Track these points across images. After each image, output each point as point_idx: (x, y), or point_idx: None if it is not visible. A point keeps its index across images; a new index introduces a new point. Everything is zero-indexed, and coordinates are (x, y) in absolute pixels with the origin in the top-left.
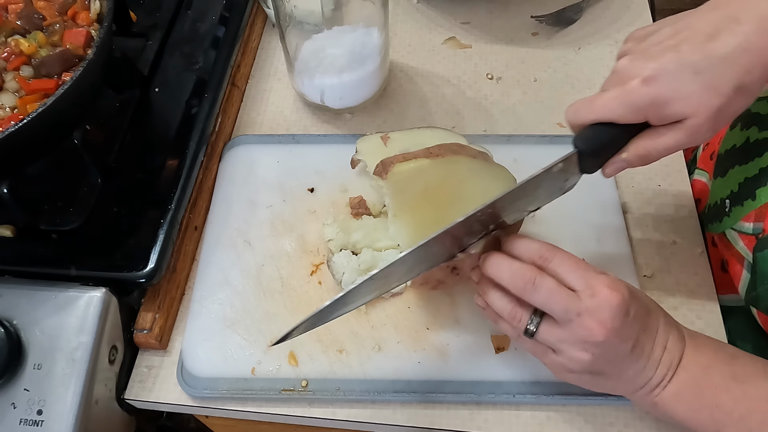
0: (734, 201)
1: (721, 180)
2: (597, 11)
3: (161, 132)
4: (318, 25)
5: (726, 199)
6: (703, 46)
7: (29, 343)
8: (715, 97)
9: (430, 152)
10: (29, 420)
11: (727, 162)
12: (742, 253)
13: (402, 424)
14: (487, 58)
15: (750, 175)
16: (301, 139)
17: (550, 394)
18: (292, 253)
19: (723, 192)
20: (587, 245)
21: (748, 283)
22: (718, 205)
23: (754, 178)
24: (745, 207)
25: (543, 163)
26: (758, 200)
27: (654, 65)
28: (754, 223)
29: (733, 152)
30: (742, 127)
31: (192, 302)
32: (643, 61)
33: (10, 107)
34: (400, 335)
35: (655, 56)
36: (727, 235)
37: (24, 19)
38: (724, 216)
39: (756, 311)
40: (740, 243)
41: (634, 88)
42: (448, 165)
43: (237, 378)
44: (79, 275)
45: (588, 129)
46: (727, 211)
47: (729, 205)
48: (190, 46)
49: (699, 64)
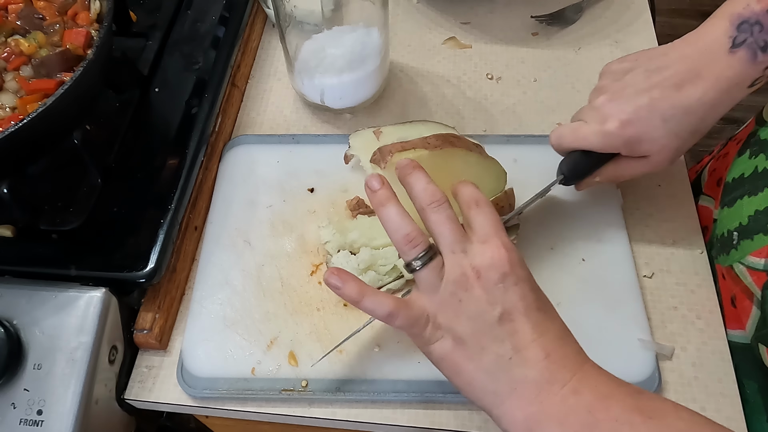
0: (743, 234)
1: (729, 210)
2: (597, 11)
3: (161, 132)
4: (318, 25)
5: (734, 231)
6: (671, 95)
7: (29, 343)
8: (675, 140)
9: (427, 143)
10: (29, 420)
11: (735, 191)
12: (751, 289)
13: (402, 424)
14: (487, 58)
15: (761, 208)
16: (301, 139)
17: None
18: (292, 253)
19: (731, 223)
20: (587, 245)
21: (757, 321)
22: (725, 237)
23: (765, 211)
24: (756, 242)
25: (543, 163)
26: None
27: (630, 110)
28: (766, 259)
29: (741, 181)
30: (751, 155)
31: (192, 302)
32: (620, 103)
33: (10, 107)
34: (400, 335)
35: (630, 99)
36: (735, 269)
37: (24, 19)
38: (731, 249)
39: (765, 349)
40: (749, 278)
41: (613, 130)
42: (445, 156)
43: (237, 378)
44: (79, 275)
45: (570, 156)
46: (735, 243)
47: (737, 238)
48: (190, 46)
49: (667, 112)
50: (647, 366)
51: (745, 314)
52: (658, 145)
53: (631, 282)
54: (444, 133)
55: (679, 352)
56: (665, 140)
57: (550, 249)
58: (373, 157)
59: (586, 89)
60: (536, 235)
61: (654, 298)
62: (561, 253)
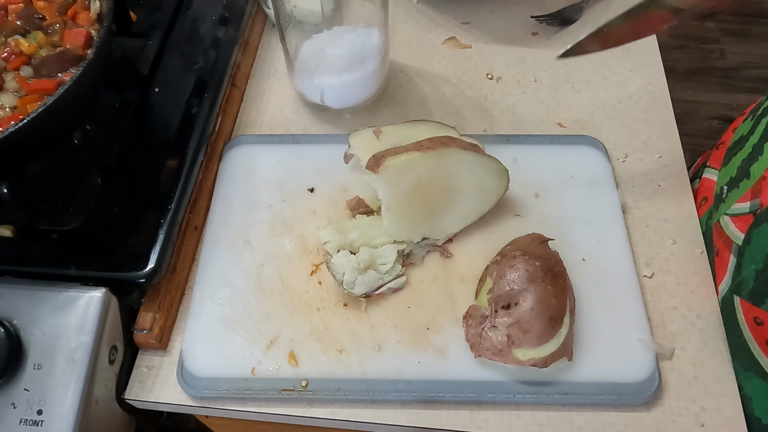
0: (731, 185)
1: (724, 170)
2: (597, 11)
3: (161, 132)
4: (318, 25)
5: (724, 186)
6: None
7: (29, 343)
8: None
9: (420, 145)
10: (29, 420)
11: (731, 152)
12: (732, 239)
13: (402, 424)
14: (487, 58)
15: (745, 156)
16: (301, 139)
17: (550, 394)
18: (292, 253)
19: (723, 180)
20: (587, 245)
21: (734, 270)
22: (718, 195)
23: (748, 158)
24: (741, 188)
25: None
26: (752, 177)
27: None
28: (751, 201)
29: (738, 141)
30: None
31: (192, 302)
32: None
33: (10, 107)
34: (400, 335)
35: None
36: (720, 222)
37: (24, 19)
38: (720, 203)
39: (739, 301)
40: (731, 227)
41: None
42: (439, 157)
43: (237, 378)
44: (79, 275)
45: None
46: (723, 197)
47: (726, 191)
48: (190, 46)
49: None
50: (647, 366)
51: (723, 267)
52: None
53: (631, 282)
54: (439, 135)
55: (679, 352)
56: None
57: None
58: (368, 163)
59: (586, 89)
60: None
61: (654, 298)
62: (561, 253)
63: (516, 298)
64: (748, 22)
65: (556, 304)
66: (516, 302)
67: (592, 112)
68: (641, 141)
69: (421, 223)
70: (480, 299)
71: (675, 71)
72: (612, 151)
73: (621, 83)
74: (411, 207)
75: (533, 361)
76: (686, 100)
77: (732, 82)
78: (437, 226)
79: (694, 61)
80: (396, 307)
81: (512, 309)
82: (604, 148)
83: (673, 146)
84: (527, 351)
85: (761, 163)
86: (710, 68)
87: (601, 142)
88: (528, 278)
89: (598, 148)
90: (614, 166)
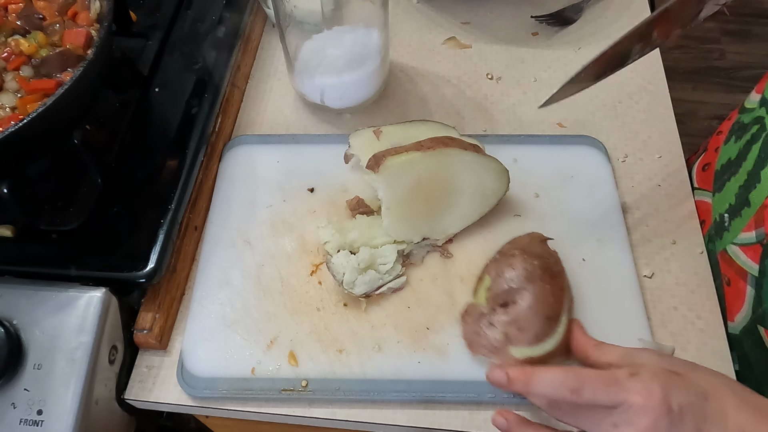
0: (732, 214)
1: (719, 195)
2: (597, 11)
3: (161, 132)
4: (318, 25)
5: (725, 213)
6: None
7: (29, 343)
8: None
9: (421, 145)
10: (29, 420)
11: (723, 176)
12: (745, 268)
13: (402, 424)
14: (487, 58)
15: (742, 183)
16: (301, 139)
17: None
18: (292, 253)
19: (722, 207)
20: (587, 245)
21: (753, 301)
22: (718, 222)
23: (745, 185)
24: (744, 217)
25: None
26: (753, 205)
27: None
28: (756, 230)
29: (728, 165)
30: (735, 139)
31: (192, 302)
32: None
33: (10, 107)
34: (400, 335)
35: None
36: (728, 252)
37: (24, 19)
38: (724, 232)
39: (764, 331)
40: (742, 257)
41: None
42: (439, 157)
43: (237, 378)
44: (79, 275)
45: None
46: (726, 226)
47: (728, 219)
48: (190, 46)
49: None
50: None
51: (741, 297)
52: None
53: (631, 282)
54: (439, 135)
55: (679, 352)
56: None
57: None
58: (368, 163)
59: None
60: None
61: (654, 298)
62: (561, 253)
63: (514, 297)
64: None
65: (554, 303)
66: (514, 300)
67: (592, 112)
68: (641, 141)
69: (421, 223)
70: (478, 297)
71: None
72: (612, 151)
73: (621, 83)
74: (411, 207)
75: (530, 360)
76: (686, 100)
77: (732, 82)
78: (437, 226)
79: (694, 61)
80: (396, 307)
81: (510, 307)
82: (604, 148)
83: (673, 146)
84: (524, 349)
85: (760, 191)
86: (710, 68)
87: (601, 142)
88: (526, 277)
89: (598, 148)
90: (614, 166)
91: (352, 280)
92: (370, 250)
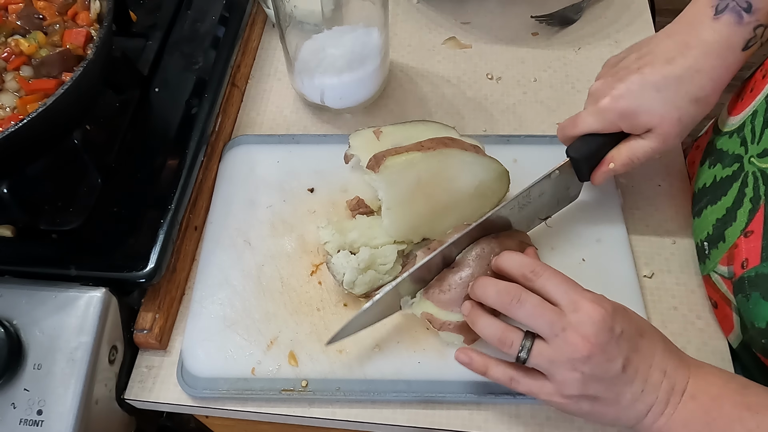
0: (711, 243)
1: (698, 221)
2: (597, 11)
3: (161, 132)
4: (318, 25)
5: (704, 241)
6: (662, 67)
7: (29, 343)
8: (674, 110)
9: (421, 145)
10: (29, 420)
11: (701, 201)
12: (727, 296)
13: (402, 424)
14: (487, 58)
15: (720, 216)
16: (301, 139)
17: None
18: (292, 253)
19: (701, 233)
20: (587, 245)
21: (740, 325)
22: (699, 248)
23: (722, 219)
24: (720, 249)
25: (543, 163)
26: (727, 241)
27: (621, 85)
28: (728, 267)
29: (705, 191)
30: (710, 164)
31: (192, 302)
32: (612, 82)
33: (10, 107)
34: (400, 335)
35: (622, 78)
36: (712, 278)
37: (24, 19)
38: (705, 259)
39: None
40: (723, 286)
41: (605, 104)
42: (439, 157)
43: (237, 378)
44: (79, 275)
45: (576, 140)
46: (706, 254)
47: (708, 248)
48: (190, 46)
49: (659, 83)
50: None
51: (729, 320)
52: (657, 116)
53: (631, 282)
54: (439, 135)
55: None
56: (662, 109)
57: (550, 249)
58: (369, 163)
59: (586, 89)
60: (538, 235)
61: (654, 298)
62: (561, 253)
63: (459, 264)
64: None
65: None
66: (456, 266)
67: None
68: None
69: (421, 223)
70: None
71: None
72: None
73: None
74: (411, 207)
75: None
76: None
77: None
78: (437, 227)
79: None
80: None
81: (449, 270)
82: None
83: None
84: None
85: (734, 230)
86: None
87: None
88: (478, 253)
89: None
90: None
91: (352, 280)
92: (370, 250)
